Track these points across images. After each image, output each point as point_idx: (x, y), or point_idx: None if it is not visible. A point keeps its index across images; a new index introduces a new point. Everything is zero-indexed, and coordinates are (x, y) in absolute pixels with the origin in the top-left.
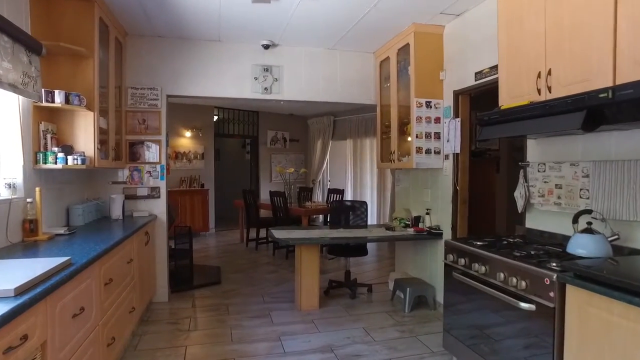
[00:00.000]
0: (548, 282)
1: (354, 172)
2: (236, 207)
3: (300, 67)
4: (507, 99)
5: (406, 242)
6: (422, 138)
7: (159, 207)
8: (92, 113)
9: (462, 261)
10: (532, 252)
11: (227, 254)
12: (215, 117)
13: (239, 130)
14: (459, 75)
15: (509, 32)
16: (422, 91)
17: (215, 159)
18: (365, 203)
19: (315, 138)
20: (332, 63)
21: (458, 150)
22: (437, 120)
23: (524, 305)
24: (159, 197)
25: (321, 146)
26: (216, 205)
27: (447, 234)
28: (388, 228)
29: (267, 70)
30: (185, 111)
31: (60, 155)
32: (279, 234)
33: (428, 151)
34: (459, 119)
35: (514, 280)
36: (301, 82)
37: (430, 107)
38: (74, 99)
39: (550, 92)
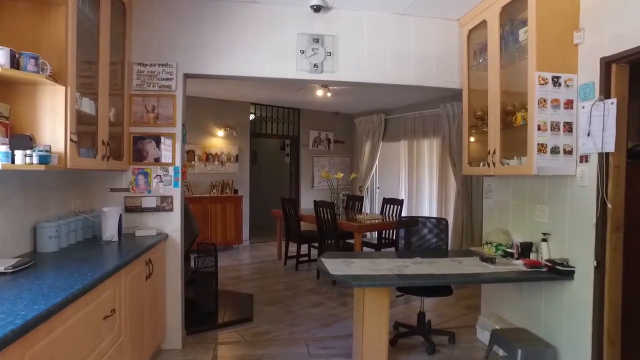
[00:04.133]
0: None
1: (408, 179)
2: (274, 217)
3: (360, 37)
4: None
5: None
6: (546, 130)
7: (172, 223)
8: (63, 88)
9: None
10: None
11: (261, 274)
12: (252, 116)
13: (278, 130)
14: (613, 33)
15: None
16: (547, 62)
17: (251, 162)
18: (444, 220)
19: (363, 139)
20: (403, 33)
21: (610, 149)
22: (568, 104)
23: None
24: (171, 209)
25: (370, 148)
26: (251, 214)
27: (586, 272)
28: (484, 259)
29: (317, 41)
30: (217, 107)
31: (3, 149)
32: (332, 265)
33: (555, 150)
34: (612, 101)
35: None
36: (362, 57)
37: (559, 84)
38: (26, 61)
39: None
